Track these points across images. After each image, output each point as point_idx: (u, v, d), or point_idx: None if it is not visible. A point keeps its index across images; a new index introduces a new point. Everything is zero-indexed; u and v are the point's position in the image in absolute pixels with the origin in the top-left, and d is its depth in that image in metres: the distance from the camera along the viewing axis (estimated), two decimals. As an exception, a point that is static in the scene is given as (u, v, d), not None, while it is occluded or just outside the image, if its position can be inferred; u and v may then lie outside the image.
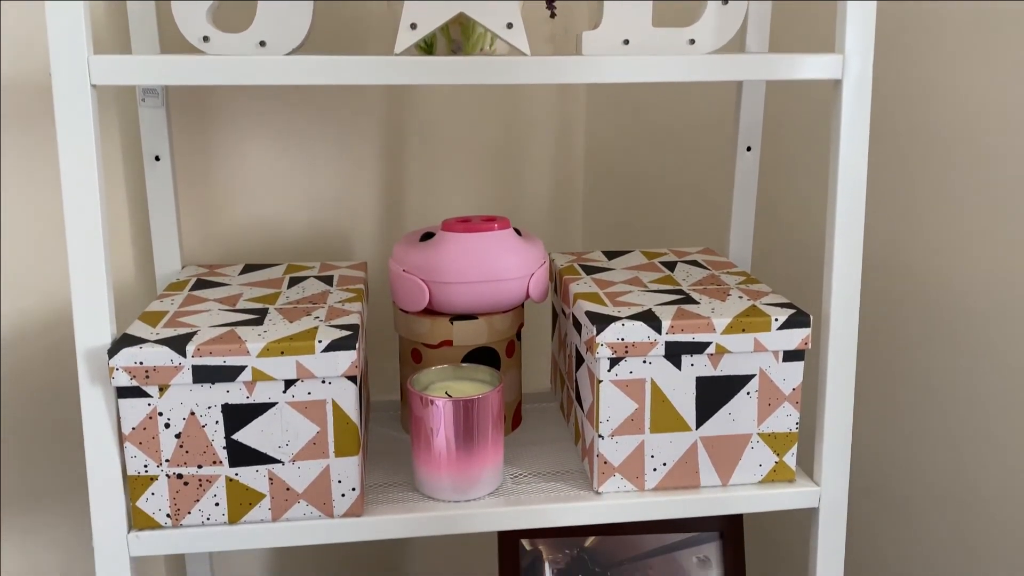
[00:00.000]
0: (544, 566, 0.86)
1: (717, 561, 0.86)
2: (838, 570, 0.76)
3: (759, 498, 0.74)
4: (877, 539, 0.99)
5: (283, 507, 0.69)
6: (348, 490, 0.70)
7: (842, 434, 0.73)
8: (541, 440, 0.85)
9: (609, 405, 0.72)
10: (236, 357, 0.65)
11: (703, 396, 0.72)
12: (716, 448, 0.73)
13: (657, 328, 0.70)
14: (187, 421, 0.66)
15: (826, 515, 0.75)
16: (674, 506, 0.74)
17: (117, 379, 0.65)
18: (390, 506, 0.73)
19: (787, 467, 0.75)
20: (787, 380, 0.73)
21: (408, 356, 0.84)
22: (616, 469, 0.73)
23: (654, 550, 0.86)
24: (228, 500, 0.68)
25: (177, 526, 0.69)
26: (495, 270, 0.78)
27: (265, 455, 0.68)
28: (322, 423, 0.68)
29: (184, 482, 0.68)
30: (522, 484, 0.76)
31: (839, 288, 0.71)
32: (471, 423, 0.72)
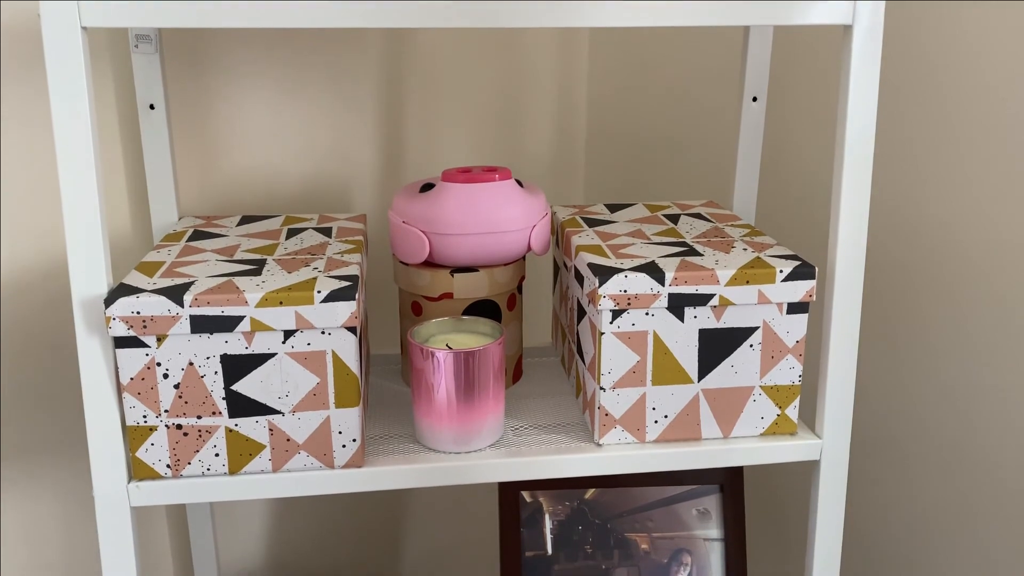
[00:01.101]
0: (544, 518, 0.86)
1: (717, 514, 0.86)
2: (838, 523, 0.76)
3: (760, 450, 0.74)
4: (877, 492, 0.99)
5: (283, 458, 0.69)
6: (348, 441, 0.69)
7: (845, 387, 0.73)
8: (542, 393, 0.85)
9: (611, 357, 0.71)
10: (234, 307, 0.65)
11: (706, 348, 0.72)
12: (718, 401, 0.73)
13: (660, 280, 0.69)
14: (186, 372, 0.66)
15: (827, 468, 0.75)
16: (675, 458, 0.73)
17: (114, 329, 0.64)
18: (391, 457, 0.72)
19: (789, 420, 0.75)
20: (791, 333, 0.72)
21: (408, 309, 0.83)
22: (617, 421, 0.73)
23: (654, 503, 0.87)
24: (228, 451, 0.68)
25: (177, 476, 0.68)
26: (496, 221, 0.77)
27: (265, 406, 0.67)
28: (322, 374, 0.67)
29: (184, 433, 0.67)
30: (523, 436, 0.76)
31: (845, 239, 0.70)
32: (472, 375, 0.71)
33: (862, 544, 1.04)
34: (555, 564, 0.86)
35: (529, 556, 0.86)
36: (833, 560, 0.77)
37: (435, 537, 1.16)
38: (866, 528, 1.04)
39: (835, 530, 0.76)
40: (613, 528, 0.86)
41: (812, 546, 0.77)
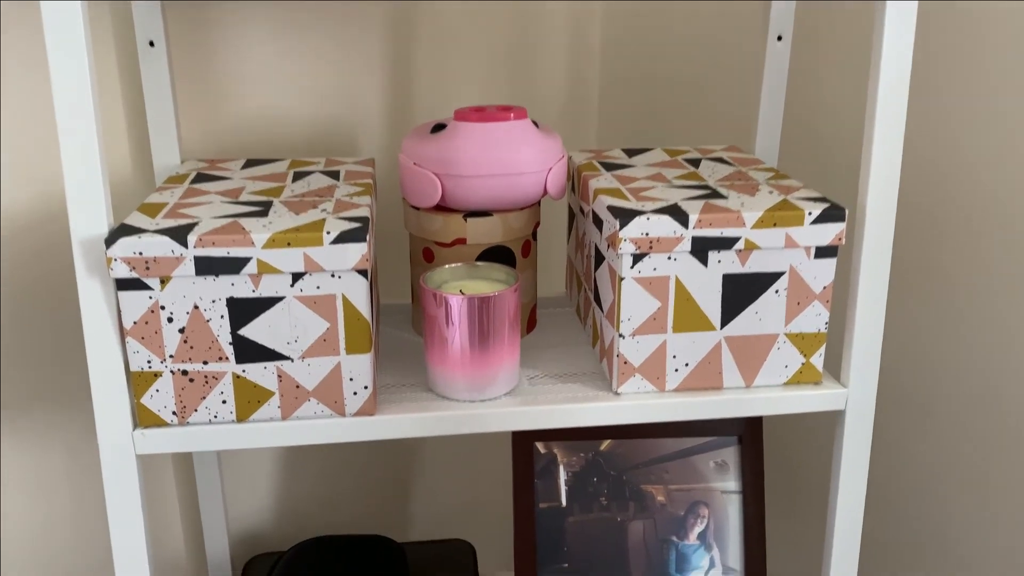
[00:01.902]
0: (559, 469, 0.84)
1: (735, 466, 0.85)
2: (862, 475, 0.74)
3: (784, 400, 0.72)
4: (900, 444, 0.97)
5: (293, 405, 0.67)
6: (360, 388, 0.67)
7: (872, 335, 0.70)
8: (557, 343, 0.82)
9: (631, 304, 0.69)
10: (240, 248, 0.62)
11: (729, 294, 0.69)
12: (741, 348, 0.71)
13: (684, 222, 0.66)
14: (191, 315, 0.63)
15: (852, 418, 0.72)
16: (695, 407, 0.71)
17: (116, 270, 0.61)
18: (403, 405, 0.70)
19: (814, 369, 0.72)
20: (818, 278, 0.69)
21: (419, 256, 0.80)
22: (636, 369, 0.71)
23: (671, 454, 0.85)
24: (236, 398, 0.66)
25: (183, 424, 0.66)
26: (511, 163, 0.74)
27: (273, 351, 0.65)
28: (332, 319, 0.65)
29: (189, 379, 0.65)
30: (538, 385, 0.74)
31: (877, 179, 0.67)
32: (486, 322, 0.69)
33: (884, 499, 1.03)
34: (569, 516, 0.84)
35: (543, 507, 0.84)
36: (855, 514, 0.75)
37: (447, 492, 1.15)
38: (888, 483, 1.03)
39: (859, 483, 0.74)
40: (629, 480, 0.84)
41: (835, 499, 0.75)
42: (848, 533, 0.75)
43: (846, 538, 0.75)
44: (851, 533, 0.75)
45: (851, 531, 0.75)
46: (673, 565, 0.84)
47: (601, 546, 0.84)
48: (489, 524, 1.14)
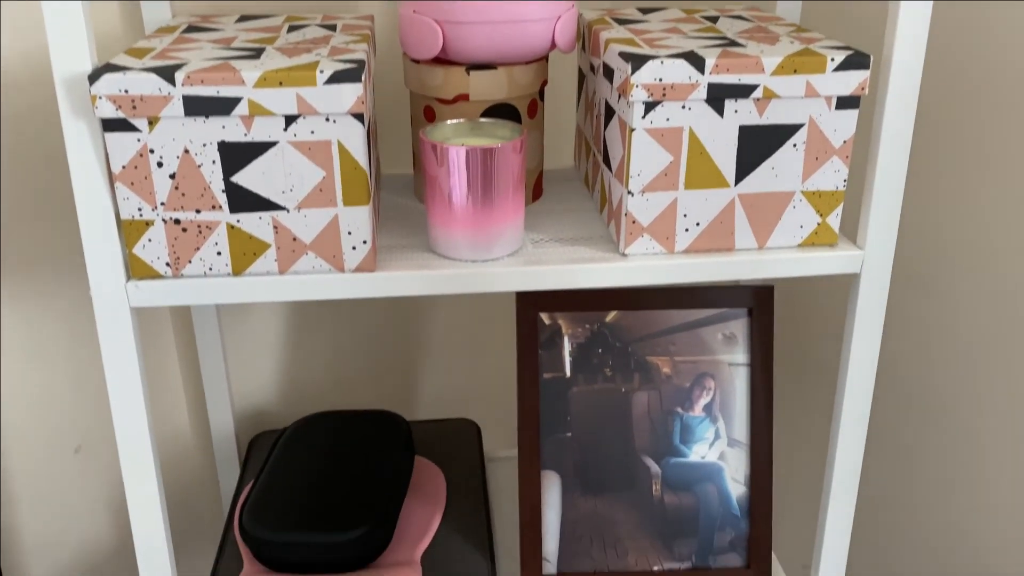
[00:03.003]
0: (563, 340, 0.83)
1: (744, 338, 0.83)
2: (874, 343, 0.72)
3: (797, 261, 0.69)
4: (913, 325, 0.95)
5: (290, 259, 0.65)
6: (359, 242, 0.65)
7: (892, 194, 0.67)
8: (564, 210, 0.80)
9: (641, 157, 0.65)
10: (231, 87, 0.59)
11: (745, 148, 0.66)
12: (755, 207, 0.68)
13: (700, 67, 0.63)
14: (181, 160, 0.61)
15: (868, 282, 0.70)
16: (706, 269, 0.69)
17: (101, 109, 0.58)
18: (404, 263, 0.68)
19: (830, 229, 0.69)
20: (838, 131, 0.66)
21: (420, 116, 0.77)
22: (645, 229, 0.68)
23: (678, 326, 0.83)
24: (231, 249, 0.64)
25: (178, 276, 0.65)
26: (517, 8, 0.70)
27: (268, 201, 0.63)
28: (328, 167, 0.62)
29: (182, 228, 0.63)
30: (543, 248, 0.72)
31: (905, 25, 0.63)
32: (490, 176, 0.66)
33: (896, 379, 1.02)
34: (573, 386, 0.83)
35: (547, 378, 0.83)
36: (866, 383, 0.73)
37: (453, 373, 1.15)
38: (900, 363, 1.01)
39: (871, 351, 0.72)
40: (634, 351, 0.83)
41: (845, 368, 0.73)
42: (858, 404, 0.74)
43: (855, 409, 0.74)
44: (861, 404, 0.74)
45: (861, 402, 0.74)
46: (677, 436, 0.84)
47: (605, 416, 0.83)
48: (494, 405, 1.14)
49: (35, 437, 0.91)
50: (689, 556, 0.84)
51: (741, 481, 0.84)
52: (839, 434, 0.75)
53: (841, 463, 0.76)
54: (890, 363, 1.01)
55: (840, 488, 0.77)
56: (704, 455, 0.84)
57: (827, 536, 0.78)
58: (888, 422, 1.05)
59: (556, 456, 0.84)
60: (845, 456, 0.76)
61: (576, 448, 0.84)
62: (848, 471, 0.76)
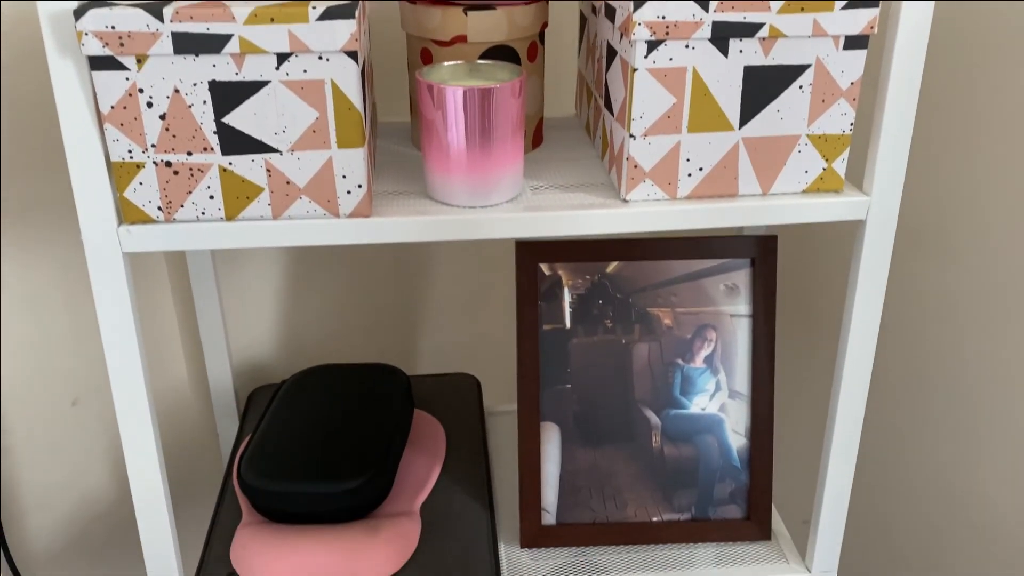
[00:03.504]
0: (563, 291, 0.82)
1: (746, 289, 0.82)
2: (879, 292, 0.71)
3: (802, 207, 0.68)
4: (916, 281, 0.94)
5: (284, 203, 0.64)
6: (354, 187, 0.64)
7: (900, 138, 0.66)
8: (564, 157, 0.78)
9: (644, 99, 0.64)
10: (221, 24, 0.57)
11: (750, 89, 0.64)
12: (759, 151, 0.66)
13: (704, 5, 0.61)
14: (171, 100, 0.59)
15: (873, 229, 0.69)
16: (708, 215, 0.68)
17: (87, 46, 0.57)
18: (400, 209, 0.67)
19: (836, 175, 0.68)
20: (845, 72, 0.64)
21: (417, 58, 0.75)
22: (647, 174, 0.67)
23: (679, 277, 0.82)
24: (224, 193, 0.63)
25: (170, 221, 0.63)
26: (517, -53, 0.68)
27: (260, 143, 0.61)
28: (321, 107, 0.61)
29: (174, 171, 0.62)
30: (543, 194, 0.70)
31: (919, -40, 0.61)
32: (488, 118, 0.64)
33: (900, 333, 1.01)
34: (573, 338, 0.82)
35: (547, 329, 0.82)
36: (870, 334, 0.72)
37: (453, 329, 1.14)
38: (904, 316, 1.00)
39: (875, 301, 0.71)
40: (635, 303, 0.82)
41: (848, 319, 0.72)
42: (861, 355, 0.73)
43: (858, 360, 0.73)
44: (864, 355, 0.73)
45: (864, 353, 0.73)
46: (678, 387, 0.83)
47: (605, 368, 0.83)
48: (494, 360, 1.13)
49: (33, 390, 0.90)
50: (689, 507, 0.84)
51: (742, 433, 0.83)
52: (841, 386, 0.74)
53: (843, 416, 0.75)
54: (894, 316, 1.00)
55: (841, 441, 0.76)
56: (704, 407, 0.83)
57: (827, 490, 0.78)
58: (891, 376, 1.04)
59: (556, 408, 0.83)
60: (847, 409, 0.75)
61: (576, 400, 0.83)
62: (850, 424, 0.75)
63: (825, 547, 0.80)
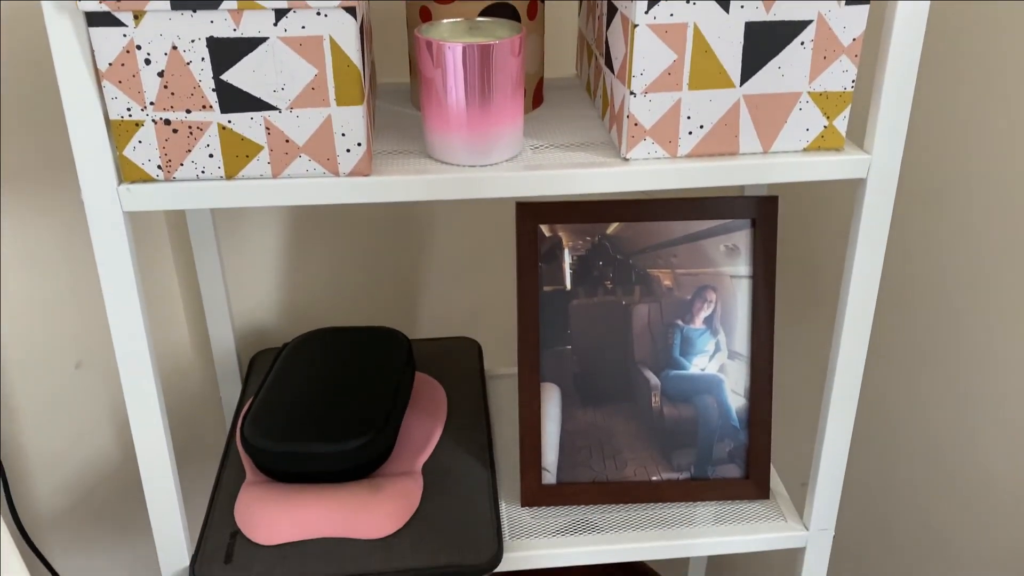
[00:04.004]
0: (564, 253, 0.82)
1: (747, 249, 0.82)
2: (879, 252, 0.71)
3: (803, 166, 0.68)
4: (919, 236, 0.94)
5: (283, 161, 0.64)
6: (353, 145, 0.64)
7: (901, 96, 0.65)
8: (564, 117, 0.78)
9: (644, 56, 0.63)
10: (217, -22, 0.57)
11: (751, 46, 0.64)
12: (760, 108, 0.66)
13: (704, -41, 0.60)
14: (169, 57, 0.59)
15: (874, 187, 0.68)
16: (709, 173, 0.67)
17: (84, 2, 0.56)
18: (400, 168, 0.67)
19: (837, 132, 0.68)
20: (848, 28, 0.64)
21: (416, 17, 0.75)
22: (647, 132, 0.67)
23: (679, 238, 0.82)
24: (223, 151, 0.63)
25: (170, 180, 0.63)
26: (516, -99, 0.67)
27: (259, 100, 0.61)
28: (320, 64, 0.60)
29: (173, 129, 0.62)
30: (543, 154, 0.70)
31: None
32: (487, 75, 0.64)
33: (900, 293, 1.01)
34: (574, 299, 0.82)
35: (547, 291, 0.82)
36: (869, 294, 0.72)
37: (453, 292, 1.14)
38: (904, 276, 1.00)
39: (875, 260, 0.71)
40: (635, 264, 0.82)
41: (848, 278, 0.72)
42: (860, 315, 0.73)
43: (857, 321, 0.73)
44: (863, 315, 0.73)
45: (863, 313, 0.73)
46: (678, 348, 0.83)
47: (605, 329, 0.83)
48: (495, 325, 1.14)
49: (36, 353, 0.91)
50: (688, 467, 0.85)
51: (741, 393, 0.84)
52: (840, 347, 0.74)
53: (842, 374, 0.76)
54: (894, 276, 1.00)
55: (840, 399, 0.76)
56: (704, 367, 0.84)
57: (825, 448, 0.79)
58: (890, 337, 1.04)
59: (556, 368, 0.83)
60: (846, 367, 0.75)
61: (576, 361, 0.83)
62: (848, 383, 0.76)
63: (822, 505, 0.81)
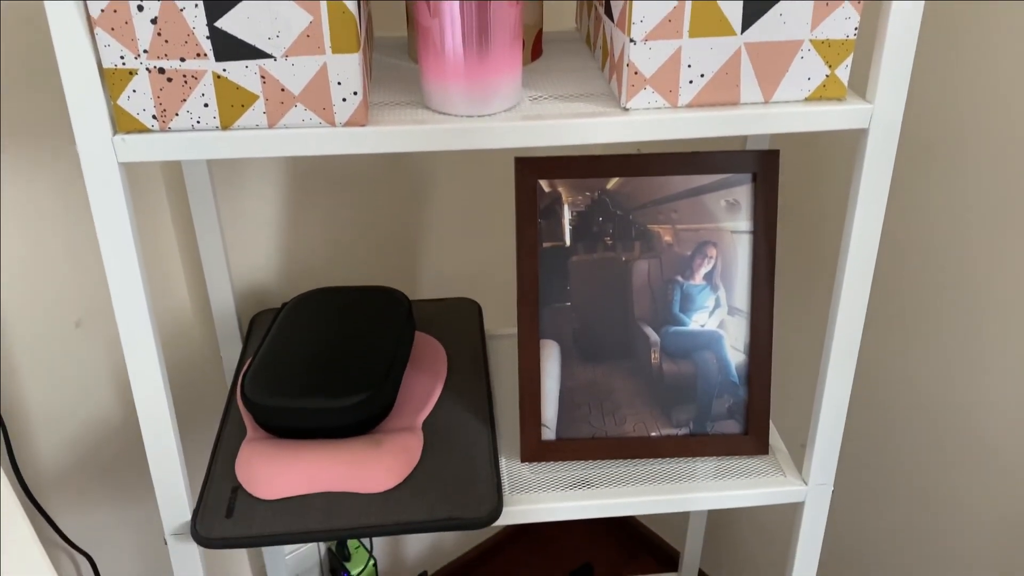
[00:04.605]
0: (563, 208, 0.81)
1: (748, 204, 0.81)
2: (880, 202, 0.70)
3: (804, 115, 0.67)
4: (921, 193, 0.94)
5: (279, 111, 0.63)
6: (349, 94, 0.63)
7: (905, 44, 0.64)
8: (564, 68, 0.77)
9: (644, 2, 0.62)
10: (209, -79, 0.56)
11: (753, -8, 0.63)
12: (761, 56, 0.65)
13: (706, -99, 0.59)
14: (162, 3, 0.58)
15: (876, 138, 0.68)
16: (710, 123, 0.67)
17: (74, -55, 0.56)
18: (397, 118, 0.66)
19: (839, 82, 0.67)
20: (852, -26, 0.63)
21: (414, -33, 0.73)
22: (647, 81, 0.66)
23: (680, 193, 0.81)
24: (218, 101, 0.62)
25: (165, 130, 0.63)
26: None
27: (254, 48, 0.60)
28: (315, 10, 0.59)
29: (167, 78, 0.61)
30: (542, 104, 0.69)
31: None
32: (485, 22, 0.63)
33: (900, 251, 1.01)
34: (573, 255, 0.82)
35: (546, 247, 0.82)
36: (870, 247, 0.72)
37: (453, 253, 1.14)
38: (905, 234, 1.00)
39: (876, 213, 0.71)
40: (635, 219, 0.82)
41: (849, 231, 0.71)
42: (861, 267, 0.73)
43: (858, 272, 0.73)
44: (864, 267, 0.73)
45: (864, 265, 0.73)
46: (677, 305, 0.83)
47: (604, 286, 0.83)
48: (495, 285, 1.13)
49: (35, 311, 0.91)
50: (687, 423, 0.85)
51: (741, 349, 0.84)
52: (840, 301, 0.74)
53: (842, 330, 0.75)
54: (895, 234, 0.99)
55: (840, 352, 0.76)
56: (704, 323, 0.83)
57: (825, 401, 0.79)
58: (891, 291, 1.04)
59: (555, 325, 0.83)
60: (846, 323, 0.75)
61: (575, 317, 0.83)
62: (848, 338, 0.76)
63: (822, 459, 0.81)
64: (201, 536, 0.75)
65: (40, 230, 0.89)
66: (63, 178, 0.89)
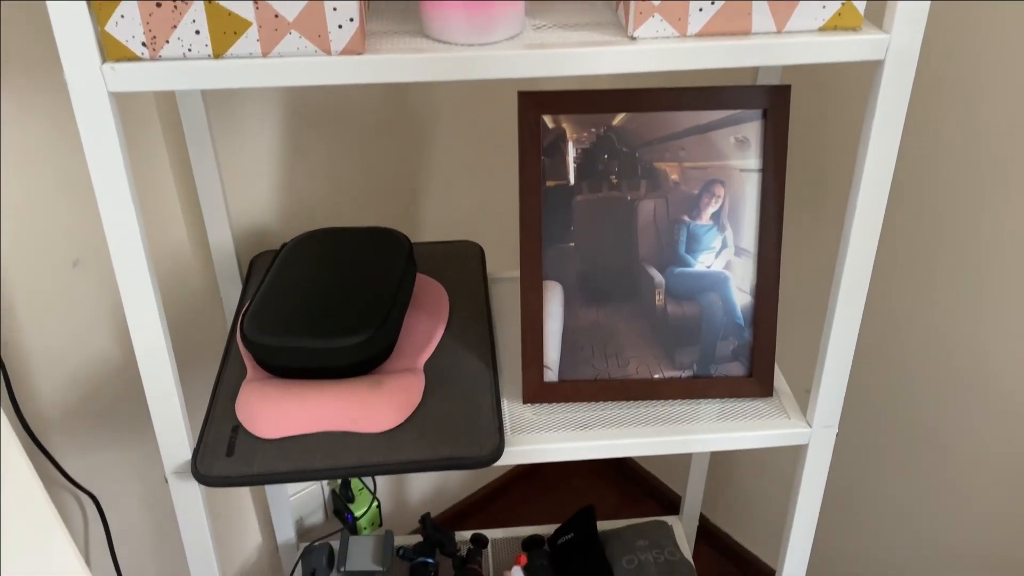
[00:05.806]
0: (567, 145, 0.79)
1: (757, 142, 0.79)
2: (894, 138, 0.68)
3: (818, 46, 0.64)
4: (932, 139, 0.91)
5: (273, 38, 0.61)
6: (345, 20, 0.61)
7: (927, -31, 0.62)
8: (568, -1, 0.74)
9: (652, -76, 0.60)
10: None
11: (767, -88, 0.60)
12: (775, -18, 0.62)
13: None
14: (148, -79, 0.56)
15: (892, 71, 0.65)
16: (720, 53, 0.64)
17: None
18: (396, 46, 0.64)
19: (854, 11, 0.64)
20: None
21: None
22: (656, 9, 0.63)
23: (688, 129, 0.79)
24: (210, 27, 0.60)
25: (156, 58, 0.61)
26: None
27: (246, -30, 0.58)
28: (309, -70, 0.57)
29: (156, 3, 0.59)
30: (546, 33, 0.67)
31: None
32: (487, -54, 0.61)
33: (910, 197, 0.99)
34: (577, 194, 0.80)
35: (550, 186, 0.80)
36: (882, 184, 0.70)
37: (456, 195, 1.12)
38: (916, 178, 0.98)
39: (890, 149, 0.68)
40: (641, 157, 0.80)
41: (861, 169, 0.69)
42: (872, 206, 0.71)
43: (869, 212, 0.71)
44: (875, 205, 0.71)
45: (875, 203, 0.71)
46: (683, 245, 0.81)
47: (609, 225, 0.81)
48: (498, 229, 1.12)
49: (32, 251, 0.90)
50: (691, 365, 0.84)
51: (747, 291, 0.82)
52: (850, 240, 0.72)
53: (850, 270, 0.74)
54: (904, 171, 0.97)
55: (848, 292, 0.75)
56: (710, 264, 0.82)
57: (832, 343, 0.77)
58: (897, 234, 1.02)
59: (558, 266, 0.82)
60: (855, 263, 0.73)
61: (579, 258, 0.82)
62: (857, 279, 0.74)
63: (827, 401, 0.81)
64: (201, 474, 0.75)
65: (35, 167, 0.88)
66: (59, 112, 0.87)
